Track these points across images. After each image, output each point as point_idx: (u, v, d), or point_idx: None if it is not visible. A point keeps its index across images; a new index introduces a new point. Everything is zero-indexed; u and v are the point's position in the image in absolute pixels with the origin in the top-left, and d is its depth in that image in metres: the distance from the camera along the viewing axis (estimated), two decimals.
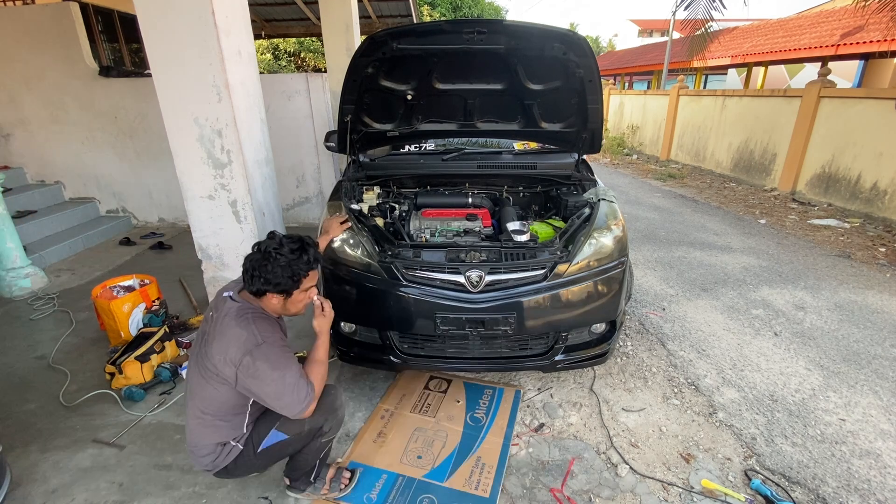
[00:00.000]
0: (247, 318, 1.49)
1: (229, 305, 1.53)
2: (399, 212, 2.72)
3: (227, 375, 1.46)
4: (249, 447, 1.59)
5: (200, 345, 1.56)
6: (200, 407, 1.54)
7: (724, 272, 4.02)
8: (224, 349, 1.45)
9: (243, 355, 1.43)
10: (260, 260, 1.48)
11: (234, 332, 1.46)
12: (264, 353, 1.45)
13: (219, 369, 1.46)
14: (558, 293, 2.06)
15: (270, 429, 1.60)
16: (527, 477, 1.93)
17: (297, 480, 1.78)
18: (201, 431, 1.56)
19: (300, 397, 1.48)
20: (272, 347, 1.47)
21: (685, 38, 9.97)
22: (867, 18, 5.58)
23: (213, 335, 1.49)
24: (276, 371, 1.45)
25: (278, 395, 1.47)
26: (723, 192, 7.17)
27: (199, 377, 1.52)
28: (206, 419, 1.54)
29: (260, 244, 1.53)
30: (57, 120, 4.91)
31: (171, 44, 2.38)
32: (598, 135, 2.78)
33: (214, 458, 1.57)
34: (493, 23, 2.29)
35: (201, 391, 1.53)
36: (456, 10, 18.85)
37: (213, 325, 1.52)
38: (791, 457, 2.04)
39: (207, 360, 1.49)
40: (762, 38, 10.40)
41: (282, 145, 4.63)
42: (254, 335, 1.46)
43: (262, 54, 16.42)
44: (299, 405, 1.49)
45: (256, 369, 1.43)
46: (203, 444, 1.56)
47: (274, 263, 1.47)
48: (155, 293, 2.95)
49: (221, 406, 1.53)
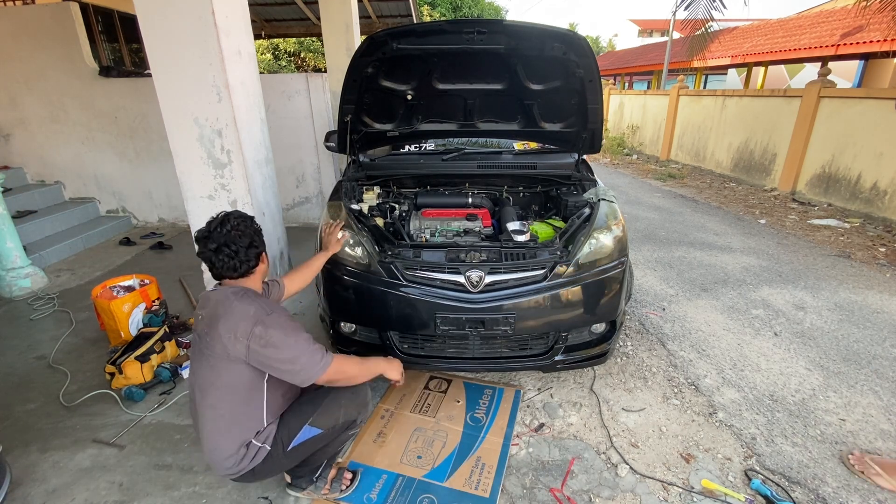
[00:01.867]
0: (248, 295, 1.54)
1: (220, 292, 1.55)
2: (399, 212, 2.72)
3: (239, 351, 1.44)
4: (279, 446, 1.55)
5: (200, 342, 1.55)
6: (213, 404, 1.49)
7: (724, 272, 4.02)
8: (233, 326, 1.45)
9: (254, 325, 1.44)
10: (223, 241, 1.52)
11: (240, 307, 1.47)
12: (275, 320, 1.47)
13: (228, 349, 1.44)
14: (558, 293, 2.06)
15: (303, 424, 1.57)
16: (527, 477, 1.93)
17: (300, 478, 1.76)
18: (220, 434, 1.50)
19: (317, 358, 1.50)
20: (281, 316, 1.52)
21: (685, 38, 9.97)
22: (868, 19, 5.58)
23: (217, 318, 1.48)
24: (289, 336, 1.47)
25: (294, 358, 1.47)
26: (723, 192, 7.17)
27: (207, 369, 1.50)
28: (222, 417, 1.49)
29: (205, 239, 1.55)
30: (57, 120, 4.91)
31: (171, 44, 2.38)
32: (598, 135, 2.78)
33: (239, 460, 1.51)
34: (493, 23, 2.29)
35: (210, 384, 1.49)
36: (456, 10, 18.86)
37: (211, 314, 1.51)
38: (791, 457, 2.04)
39: (214, 344, 1.47)
40: (762, 38, 10.40)
41: (282, 145, 4.63)
42: (262, 307, 1.50)
43: (262, 54, 16.42)
44: (316, 366, 1.49)
45: (270, 336, 1.45)
46: (224, 447, 1.50)
47: (234, 235, 1.54)
48: (155, 293, 2.95)
49: (235, 394, 1.49)
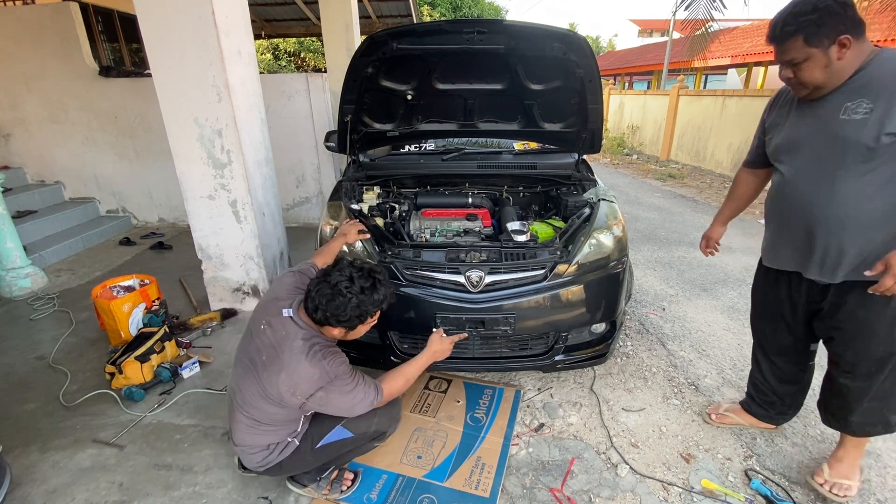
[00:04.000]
0: (316, 354, 1.47)
1: (292, 330, 1.50)
2: (399, 212, 2.71)
3: (293, 404, 1.49)
4: (307, 442, 1.60)
5: (257, 361, 1.53)
6: (254, 416, 1.55)
7: (724, 272, 4.02)
8: (293, 385, 1.45)
9: (316, 391, 1.46)
10: (329, 295, 1.45)
11: (304, 369, 1.44)
12: (337, 386, 1.48)
13: (284, 399, 1.48)
14: (558, 293, 2.06)
15: (336, 425, 1.61)
16: (527, 477, 1.93)
17: (305, 474, 1.77)
18: (253, 436, 1.57)
19: (370, 399, 1.55)
20: (343, 379, 1.50)
21: (685, 38, 9.97)
22: (870, 19, 5.57)
23: (281, 364, 1.46)
24: (346, 396, 1.51)
25: (351, 408, 1.54)
26: (723, 192, 7.16)
27: (260, 397, 1.51)
28: (259, 426, 1.56)
29: (328, 275, 1.49)
30: (57, 120, 4.91)
31: (171, 44, 2.39)
32: (598, 135, 2.78)
33: (267, 454, 1.58)
34: (493, 23, 2.29)
35: (257, 404, 1.53)
36: (456, 10, 18.86)
37: (277, 349, 1.49)
38: (791, 457, 2.04)
39: (271, 386, 1.48)
40: (762, 37, 10.36)
41: (282, 145, 4.63)
42: (326, 373, 1.46)
43: (262, 54, 16.43)
44: (369, 406, 1.56)
45: (329, 399, 1.49)
46: (254, 445, 1.58)
47: (344, 302, 1.44)
48: (155, 293, 2.94)
49: (277, 418, 1.55)
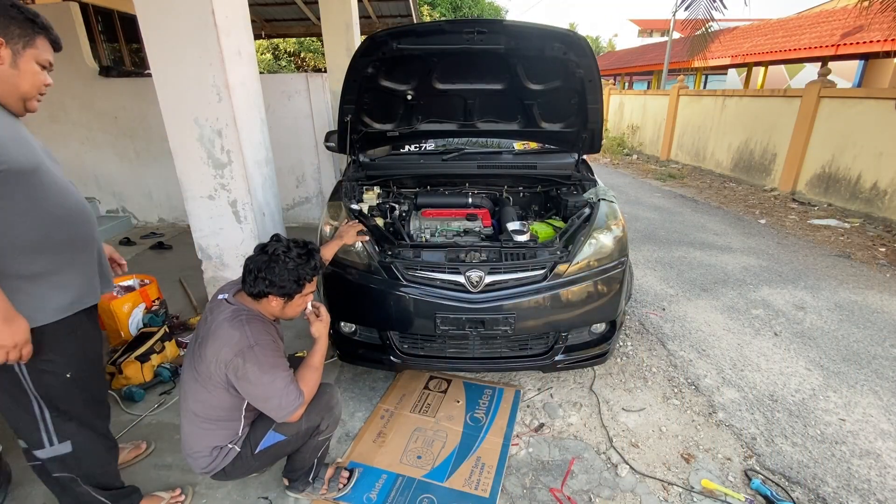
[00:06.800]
0: (240, 319, 1.49)
1: (224, 308, 1.53)
2: (399, 212, 2.72)
3: (219, 377, 1.47)
4: (247, 448, 1.60)
5: (194, 348, 1.56)
6: (195, 410, 1.54)
7: (724, 272, 4.02)
8: (217, 350, 1.45)
9: (234, 356, 1.43)
10: (266, 262, 1.49)
11: (226, 332, 1.46)
12: (255, 355, 1.44)
13: (212, 372, 1.47)
14: (558, 293, 2.06)
15: (268, 430, 1.60)
16: (527, 477, 1.93)
17: (297, 481, 1.79)
18: (197, 435, 1.56)
19: (287, 402, 1.49)
20: (264, 350, 1.47)
21: (685, 38, 9.96)
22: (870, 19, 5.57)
23: (207, 337, 1.49)
24: (265, 375, 1.45)
25: (265, 398, 1.48)
26: (723, 192, 7.17)
27: (194, 381, 1.52)
28: (201, 424, 1.54)
29: (265, 246, 1.53)
30: (57, 120, 4.90)
31: (171, 44, 2.38)
32: (598, 135, 2.78)
33: (211, 460, 1.57)
34: (493, 23, 2.29)
35: (195, 394, 1.52)
36: (456, 10, 18.84)
37: (207, 328, 1.51)
38: (791, 457, 2.04)
39: (201, 362, 1.49)
40: (762, 38, 10.40)
41: (282, 145, 4.63)
42: (246, 337, 1.45)
43: (262, 54, 16.42)
44: (285, 410, 1.49)
45: (246, 371, 1.44)
46: (198, 448, 1.57)
47: (281, 266, 1.48)
48: (155, 293, 2.94)
49: (216, 410, 1.53)
